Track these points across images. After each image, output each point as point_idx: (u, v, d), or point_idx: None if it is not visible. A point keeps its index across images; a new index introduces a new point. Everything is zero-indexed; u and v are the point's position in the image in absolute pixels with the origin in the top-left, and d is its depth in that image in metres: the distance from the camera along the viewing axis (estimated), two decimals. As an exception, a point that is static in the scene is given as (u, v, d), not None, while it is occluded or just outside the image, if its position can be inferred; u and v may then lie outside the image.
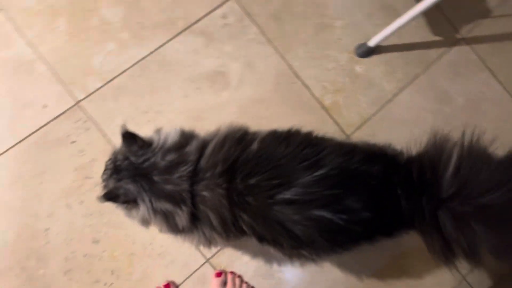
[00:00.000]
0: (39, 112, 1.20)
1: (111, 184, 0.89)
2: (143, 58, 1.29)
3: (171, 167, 0.87)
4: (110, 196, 0.86)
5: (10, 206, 1.14)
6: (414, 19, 1.24)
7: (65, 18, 1.26)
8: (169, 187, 0.86)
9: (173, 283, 1.17)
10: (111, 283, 1.15)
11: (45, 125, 1.19)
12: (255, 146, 0.89)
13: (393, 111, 1.41)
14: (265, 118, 1.32)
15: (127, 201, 0.88)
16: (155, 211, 0.88)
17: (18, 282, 1.11)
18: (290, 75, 1.37)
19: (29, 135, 1.18)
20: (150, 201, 0.86)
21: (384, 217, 0.85)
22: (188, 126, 1.24)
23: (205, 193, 0.86)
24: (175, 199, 0.86)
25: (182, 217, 0.88)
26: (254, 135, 0.95)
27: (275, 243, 0.88)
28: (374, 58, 1.43)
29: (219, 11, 1.36)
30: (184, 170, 0.86)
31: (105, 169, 0.92)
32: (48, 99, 1.21)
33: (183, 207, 0.87)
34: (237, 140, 0.91)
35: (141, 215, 0.89)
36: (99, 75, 1.25)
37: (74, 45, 1.25)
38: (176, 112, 1.28)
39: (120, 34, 1.29)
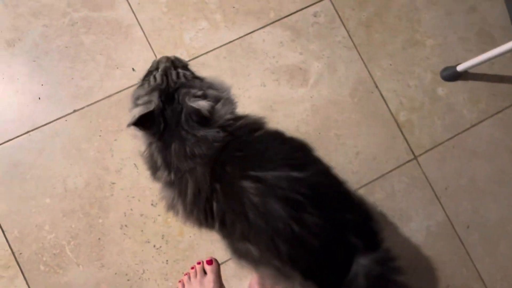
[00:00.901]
0: (128, 74, 1.27)
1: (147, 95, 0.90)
2: (231, 41, 1.33)
3: (193, 142, 0.87)
4: (137, 120, 0.85)
5: (86, 154, 1.22)
6: (511, 51, 1.19)
7: (168, -9, 1.32)
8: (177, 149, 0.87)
9: (216, 260, 1.20)
10: (160, 246, 1.20)
11: (130, 87, 1.26)
12: (258, 133, 0.90)
13: (468, 141, 1.35)
14: (336, 122, 1.32)
15: (139, 124, 0.88)
16: (149, 147, 0.91)
17: (79, 225, 1.19)
18: (370, 84, 1.35)
19: (115, 93, 1.25)
20: (151, 143, 0.90)
21: (330, 265, 0.80)
22: (259, 113, 1.28)
23: (198, 168, 0.87)
24: (168, 166, 0.89)
25: (162, 176, 0.90)
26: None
27: (231, 228, 0.85)
28: (459, 84, 1.38)
29: (311, 9, 1.37)
30: (199, 156, 0.87)
31: (151, 72, 0.94)
32: (138, 64, 1.28)
33: (170, 173, 0.89)
34: (252, 129, 0.91)
35: (143, 140, 0.92)
36: (187, 50, 1.30)
37: (170, 18, 1.31)
38: (251, 99, 1.31)
39: (214, 14, 1.33)
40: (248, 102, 1.31)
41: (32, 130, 1.21)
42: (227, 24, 1.33)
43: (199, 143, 0.87)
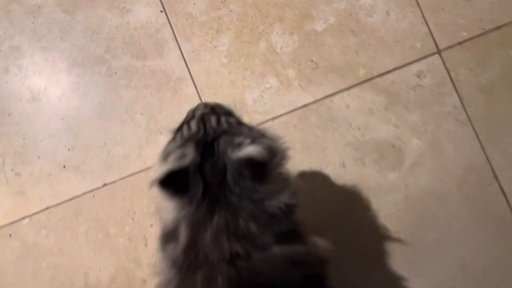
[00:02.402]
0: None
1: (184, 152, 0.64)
2: (305, 105, 1.03)
3: (250, 211, 0.63)
4: (166, 177, 0.61)
5: (114, 242, 0.98)
6: None
7: (230, 36, 1.04)
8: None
9: None
10: None
11: (174, 158, 0.99)
12: None
13: None
14: (436, 221, 1.00)
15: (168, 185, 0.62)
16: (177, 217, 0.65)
17: (99, 330, 0.95)
18: (486, 172, 1.01)
19: (150, 167, 1.00)
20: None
21: None
22: (336, 205, 0.98)
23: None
24: (191, 247, 0.63)
25: (173, 250, 0.65)
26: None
27: None
28: None
29: (414, 67, 1.04)
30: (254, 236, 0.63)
31: (186, 123, 0.70)
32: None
33: (185, 258, 0.64)
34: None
35: (170, 211, 0.66)
36: (249, 114, 1.02)
37: (231, 71, 1.04)
38: (325, 181, 1.01)
39: (286, 70, 1.04)
40: (321, 186, 1.01)
41: (53, 207, 0.99)
42: (302, 83, 1.04)
43: (257, 214, 0.63)
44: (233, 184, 0.63)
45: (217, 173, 0.64)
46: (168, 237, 0.67)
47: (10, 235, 0.97)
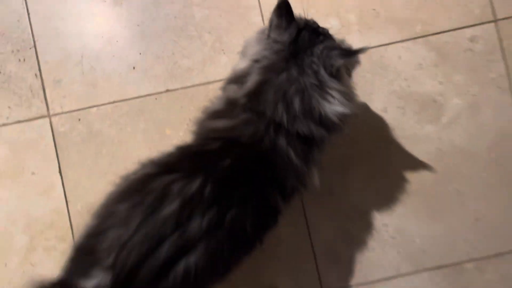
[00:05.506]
0: (234, 62, 1.09)
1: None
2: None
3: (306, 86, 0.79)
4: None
5: (168, 142, 1.09)
6: None
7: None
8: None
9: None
10: None
11: (233, 78, 1.09)
12: None
13: None
14: (461, 176, 1.08)
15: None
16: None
17: (143, 217, 1.07)
18: (518, 141, 1.08)
19: (215, 81, 1.09)
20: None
21: None
22: (372, 144, 1.06)
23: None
24: (253, 95, 0.80)
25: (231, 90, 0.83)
26: None
27: None
28: None
29: (468, 31, 1.10)
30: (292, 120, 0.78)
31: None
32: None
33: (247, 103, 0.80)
34: None
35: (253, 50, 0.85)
36: (307, 49, 1.09)
37: (296, 7, 1.11)
38: (365, 123, 1.09)
39: (348, 14, 1.11)
40: (360, 126, 1.09)
41: (119, 101, 1.10)
42: (361, 28, 1.11)
43: (309, 93, 0.78)
44: (318, 54, 0.79)
45: (309, 42, 0.81)
46: (235, 79, 0.82)
47: (79, 120, 1.09)
